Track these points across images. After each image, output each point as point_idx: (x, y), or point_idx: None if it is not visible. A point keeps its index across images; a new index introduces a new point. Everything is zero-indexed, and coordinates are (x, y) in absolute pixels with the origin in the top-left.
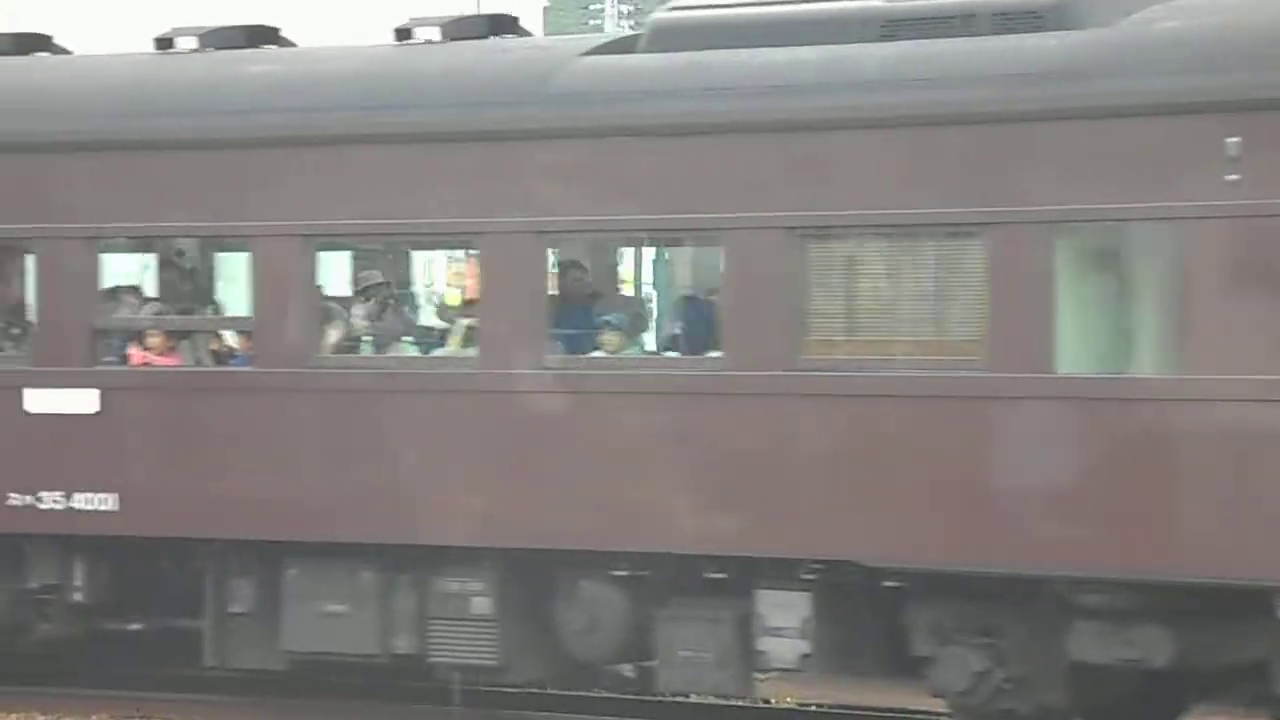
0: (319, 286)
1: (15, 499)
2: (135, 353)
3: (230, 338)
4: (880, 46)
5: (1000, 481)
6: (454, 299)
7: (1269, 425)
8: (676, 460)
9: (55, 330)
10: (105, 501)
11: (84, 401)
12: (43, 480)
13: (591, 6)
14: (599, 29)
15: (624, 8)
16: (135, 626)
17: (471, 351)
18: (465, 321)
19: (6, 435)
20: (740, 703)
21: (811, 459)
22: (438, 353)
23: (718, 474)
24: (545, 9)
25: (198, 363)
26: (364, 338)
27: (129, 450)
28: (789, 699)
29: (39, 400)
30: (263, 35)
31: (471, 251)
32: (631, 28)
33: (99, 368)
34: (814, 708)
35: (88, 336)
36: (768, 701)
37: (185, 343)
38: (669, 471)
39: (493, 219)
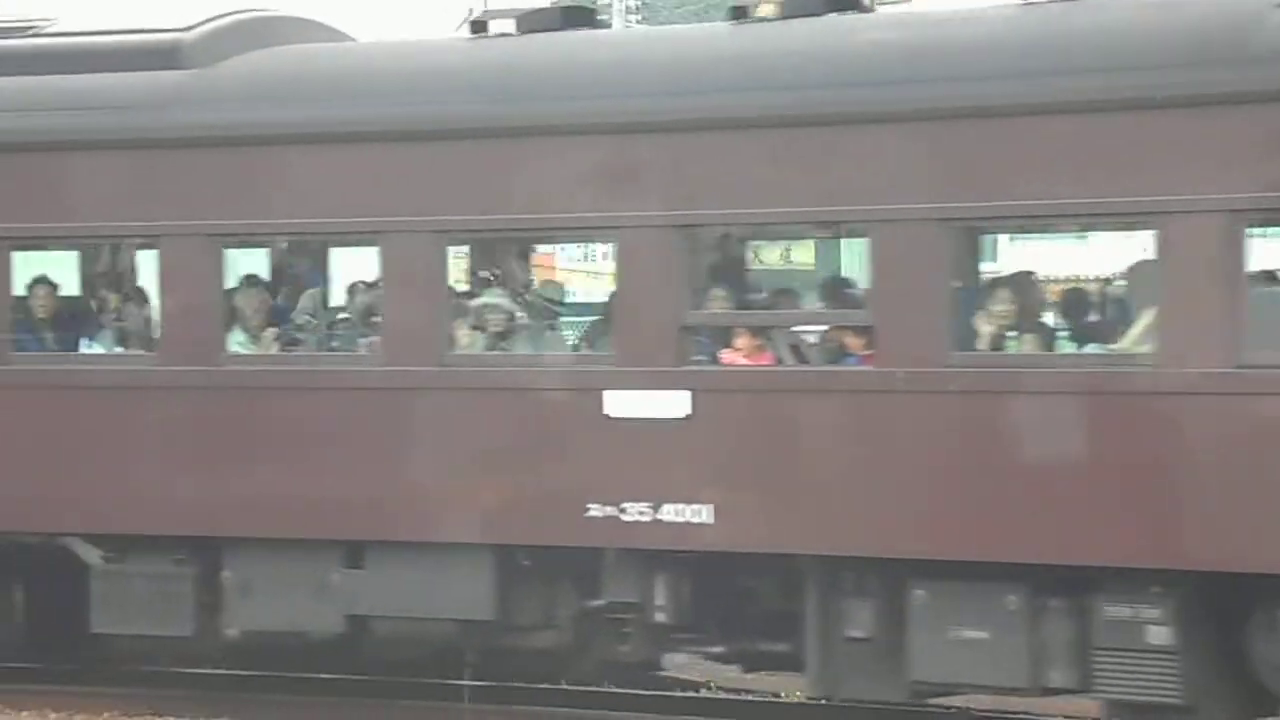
0: (955, 274)
1: (595, 510)
2: (726, 354)
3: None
4: None
5: None
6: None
7: None
8: None
9: (640, 328)
10: (699, 513)
11: (673, 404)
12: (627, 490)
13: (599, 1)
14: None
15: (631, 1)
16: (716, 649)
17: (1147, 348)
18: (1146, 318)
19: (586, 441)
20: (748, 696)
21: None
22: (1091, 349)
23: None
24: None
25: (780, 362)
26: (1008, 333)
27: (726, 458)
28: (798, 693)
29: (622, 403)
30: (845, 5)
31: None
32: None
33: (690, 368)
34: (822, 702)
35: (675, 334)
36: (778, 695)
37: (768, 342)
38: None
39: (1184, 195)
